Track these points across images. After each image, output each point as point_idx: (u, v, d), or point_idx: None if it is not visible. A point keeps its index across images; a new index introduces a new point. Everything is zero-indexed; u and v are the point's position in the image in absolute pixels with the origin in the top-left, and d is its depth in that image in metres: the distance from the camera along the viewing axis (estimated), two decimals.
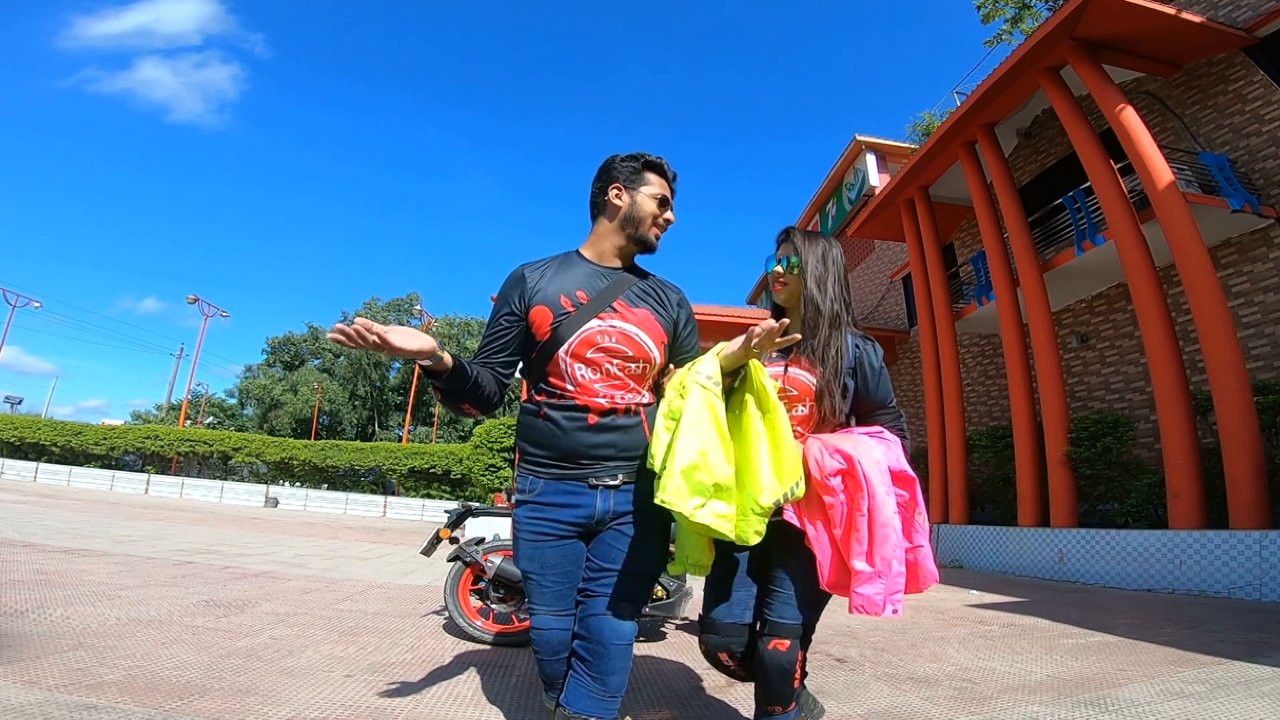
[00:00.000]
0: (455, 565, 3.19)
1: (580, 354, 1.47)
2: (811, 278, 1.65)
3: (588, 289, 1.51)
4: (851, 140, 15.43)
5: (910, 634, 3.67)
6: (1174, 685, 2.53)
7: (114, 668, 2.20)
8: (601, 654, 1.40)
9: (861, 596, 1.38)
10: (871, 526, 1.40)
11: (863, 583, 1.38)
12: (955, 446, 9.87)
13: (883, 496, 1.43)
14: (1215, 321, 6.35)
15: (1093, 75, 7.64)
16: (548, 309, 1.49)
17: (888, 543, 1.40)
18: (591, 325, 1.48)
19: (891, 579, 1.39)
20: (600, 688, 1.40)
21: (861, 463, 1.44)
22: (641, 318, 1.52)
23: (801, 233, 1.72)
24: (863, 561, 1.39)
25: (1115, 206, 7.37)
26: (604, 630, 1.41)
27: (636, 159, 1.58)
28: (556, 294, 1.50)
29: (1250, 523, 5.68)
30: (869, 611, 1.37)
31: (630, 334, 1.50)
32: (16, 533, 6.11)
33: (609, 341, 1.48)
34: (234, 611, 3.36)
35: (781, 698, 1.51)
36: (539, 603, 1.48)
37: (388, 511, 19.03)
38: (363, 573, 5.55)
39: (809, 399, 1.59)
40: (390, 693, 2.19)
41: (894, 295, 14.85)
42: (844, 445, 1.49)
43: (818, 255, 1.67)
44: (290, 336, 48.30)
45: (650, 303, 1.56)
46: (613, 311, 1.50)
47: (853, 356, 1.62)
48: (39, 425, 22.90)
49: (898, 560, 1.41)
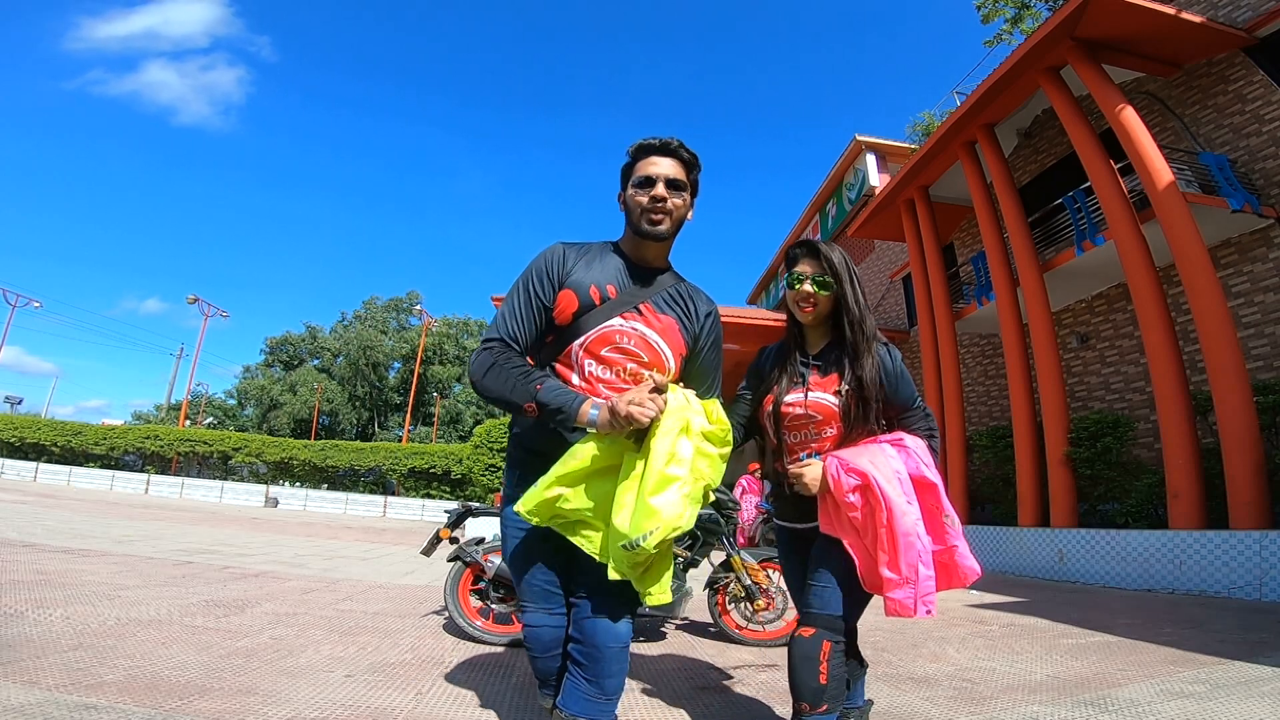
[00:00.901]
0: (455, 565, 3.19)
1: (595, 351, 1.41)
2: (852, 295, 1.60)
3: (619, 284, 1.45)
4: (851, 140, 15.42)
5: (910, 634, 3.67)
6: (1174, 685, 2.53)
7: (114, 668, 2.20)
8: (597, 657, 1.37)
9: (894, 601, 1.45)
10: (892, 537, 1.44)
11: (893, 589, 1.45)
12: (955, 446, 9.87)
13: (903, 507, 1.45)
14: (1215, 321, 6.35)
15: (1093, 75, 7.64)
16: (575, 296, 1.42)
17: (911, 550, 1.44)
18: (613, 323, 1.42)
19: (920, 583, 1.45)
20: (596, 690, 1.37)
21: (877, 479, 1.46)
22: (665, 325, 1.47)
23: (829, 247, 1.64)
24: (889, 570, 1.45)
25: (1115, 206, 7.37)
26: (599, 633, 1.38)
27: (629, 153, 1.50)
28: (588, 283, 1.43)
29: (1250, 523, 5.68)
30: (903, 614, 1.44)
31: (650, 339, 1.44)
32: (16, 533, 6.11)
33: (627, 343, 1.42)
34: (234, 611, 3.36)
35: (808, 692, 1.46)
36: (530, 601, 1.46)
37: (388, 511, 19.03)
38: (363, 573, 5.55)
39: (835, 422, 1.59)
40: (390, 693, 2.19)
41: (894, 295, 14.85)
42: (859, 462, 1.50)
43: (848, 272, 1.61)
44: (289, 336, 48.30)
45: (677, 311, 1.50)
46: (637, 314, 1.44)
47: (879, 369, 1.60)
48: (39, 425, 22.89)
49: (924, 565, 1.45)
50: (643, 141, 1.48)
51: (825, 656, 1.47)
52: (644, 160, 1.46)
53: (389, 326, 48.18)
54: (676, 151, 1.46)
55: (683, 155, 1.46)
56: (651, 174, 1.44)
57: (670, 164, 1.45)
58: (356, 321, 47.72)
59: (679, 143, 1.46)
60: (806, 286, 1.61)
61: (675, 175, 1.45)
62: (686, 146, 1.47)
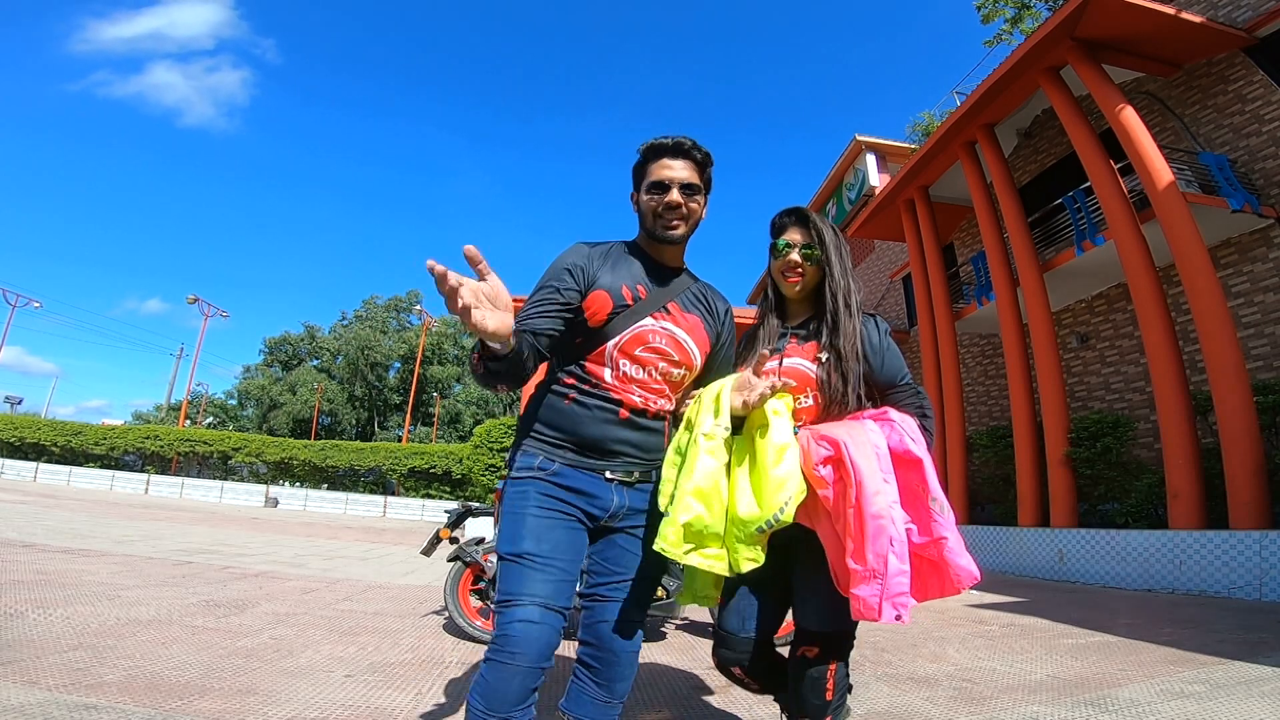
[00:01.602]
0: (455, 565, 3.19)
1: (629, 350, 1.40)
2: (838, 264, 1.51)
3: (647, 285, 1.45)
4: (851, 140, 15.42)
5: (910, 634, 3.67)
6: (1174, 685, 2.53)
7: (114, 668, 2.20)
8: (612, 662, 1.35)
9: (857, 599, 1.22)
10: (860, 520, 1.23)
11: (857, 583, 1.22)
12: (955, 446, 9.87)
13: (875, 484, 1.25)
14: (1215, 321, 6.35)
15: (1093, 75, 7.64)
16: (609, 296, 1.40)
17: (881, 537, 1.21)
18: (646, 323, 1.41)
19: (890, 579, 1.20)
20: (607, 694, 1.35)
21: (849, 447, 1.28)
22: (692, 324, 1.47)
23: (819, 216, 1.55)
24: (854, 560, 1.23)
25: (1115, 206, 7.37)
26: (617, 638, 1.35)
27: (640, 153, 1.46)
28: (619, 283, 1.42)
29: (1250, 523, 5.68)
30: (866, 616, 1.21)
31: (679, 338, 1.44)
32: (16, 533, 6.11)
33: (659, 342, 1.42)
34: (234, 611, 3.36)
35: (812, 710, 1.38)
36: (532, 591, 1.25)
37: (388, 511, 19.03)
38: (363, 573, 5.55)
39: (811, 389, 1.46)
40: (390, 693, 2.19)
41: (894, 295, 14.85)
42: (833, 431, 1.34)
43: (836, 240, 1.53)
44: (287, 336, 48.30)
45: (701, 310, 1.50)
46: (666, 313, 1.44)
47: (864, 339, 1.49)
48: (39, 425, 22.90)
49: (897, 557, 1.21)
50: (654, 141, 1.44)
51: (832, 675, 1.39)
52: (656, 163, 1.43)
53: (389, 326, 48.16)
54: (689, 152, 1.42)
55: (695, 156, 1.43)
56: (665, 178, 1.41)
57: (683, 165, 1.42)
58: (356, 322, 47.71)
59: (692, 142, 1.42)
60: (794, 255, 1.52)
61: (689, 178, 1.42)
62: (699, 145, 1.43)
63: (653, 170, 1.43)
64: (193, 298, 30.09)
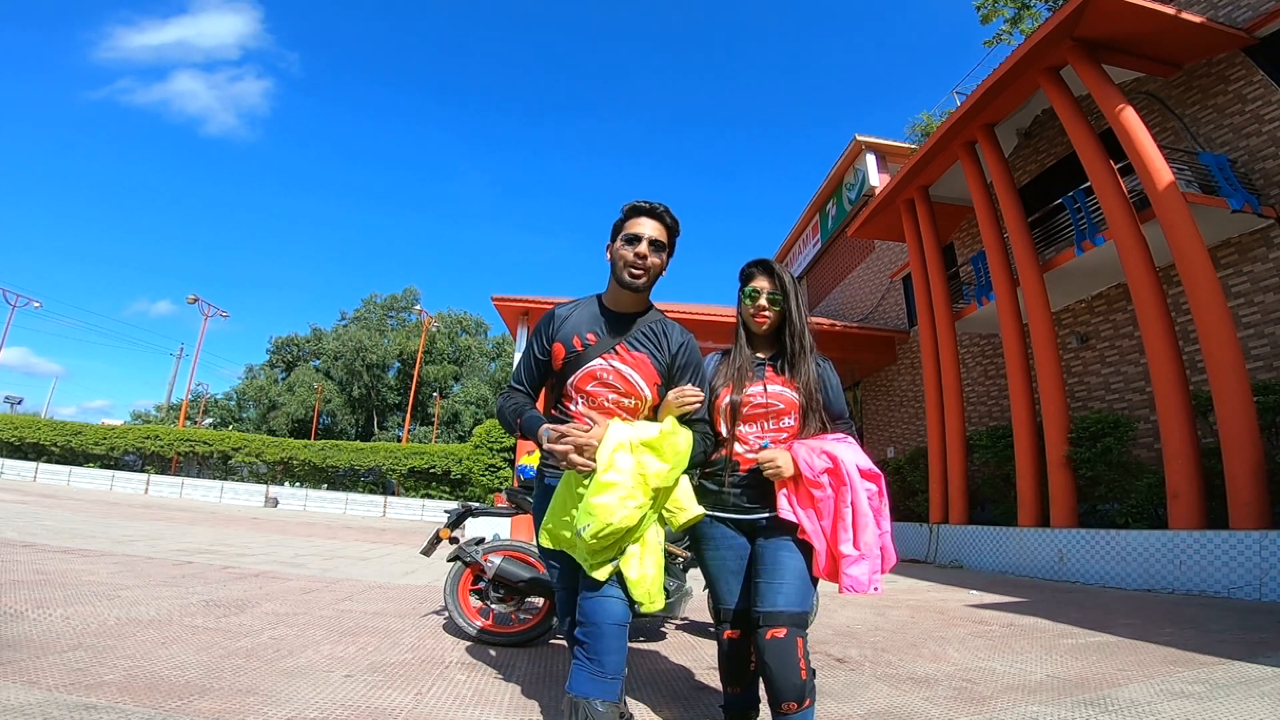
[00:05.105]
0: (455, 565, 3.19)
1: (582, 386, 1.75)
2: (795, 311, 1.83)
3: (597, 331, 1.77)
4: (851, 140, 15.40)
5: (910, 634, 3.67)
6: (1174, 685, 2.53)
7: (114, 668, 2.20)
8: (597, 634, 1.55)
9: (850, 577, 1.60)
10: (855, 516, 1.64)
11: (851, 564, 1.60)
12: (955, 446, 9.87)
13: (861, 489, 1.67)
14: (1215, 321, 6.35)
15: (1093, 75, 7.64)
16: (563, 346, 1.77)
17: (868, 529, 1.64)
18: (595, 364, 1.75)
19: (873, 560, 1.63)
20: (599, 669, 1.53)
21: (844, 462, 1.67)
22: (638, 360, 1.77)
23: (780, 266, 1.87)
24: (850, 546, 1.62)
25: (1115, 206, 7.36)
26: (597, 611, 1.57)
27: (622, 211, 1.77)
28: (571, 334, 1.77)
29: (1250, 523, 5.68)
30: (858, 590, 1.58)
31: (625, 374, 1.75)
32: (16, 533, 6.11)
33: (608, 378, 1.75)
34: (234, 611, 3.36)
35: (792, 690, 1.54)
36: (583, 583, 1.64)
37: (387, 511, 19.04)
38: (363, 573, 5.55)
39: (794, 411, 1.80)
40: (390, 693, 2.19)
41: (894, 295, 14.83)
42: (828, 447, 1.71)
43: (794, 288, 1.84)
44: (294, 337, 48.35)
45: (649, 347, 1.78)
46: (614, 353, 1.76)
47: (819, 374, 1.84)
48: (39, 425, 22.90)
49: (875, 544, 1.64)
50: (635, 203, 1.75)
51: (802, 653, 1.57)
52: (633, 220, 1.74)
53: (387, 325, 48.13)
54: (661, 216, 1.74)
55: (666, 220, 1.75)
56: (638, 233, 1.71)
57: (655, 226, 1.73)
58: (354, 323, 47.67)
59: (665, 208, 1.75)
60: (763, 301, 1.83)
61: (657, 236, 1.73)
62: (671, 213, 1.76)
63: (630, 225, 1.73)
64: (193, 298, 30.12)
